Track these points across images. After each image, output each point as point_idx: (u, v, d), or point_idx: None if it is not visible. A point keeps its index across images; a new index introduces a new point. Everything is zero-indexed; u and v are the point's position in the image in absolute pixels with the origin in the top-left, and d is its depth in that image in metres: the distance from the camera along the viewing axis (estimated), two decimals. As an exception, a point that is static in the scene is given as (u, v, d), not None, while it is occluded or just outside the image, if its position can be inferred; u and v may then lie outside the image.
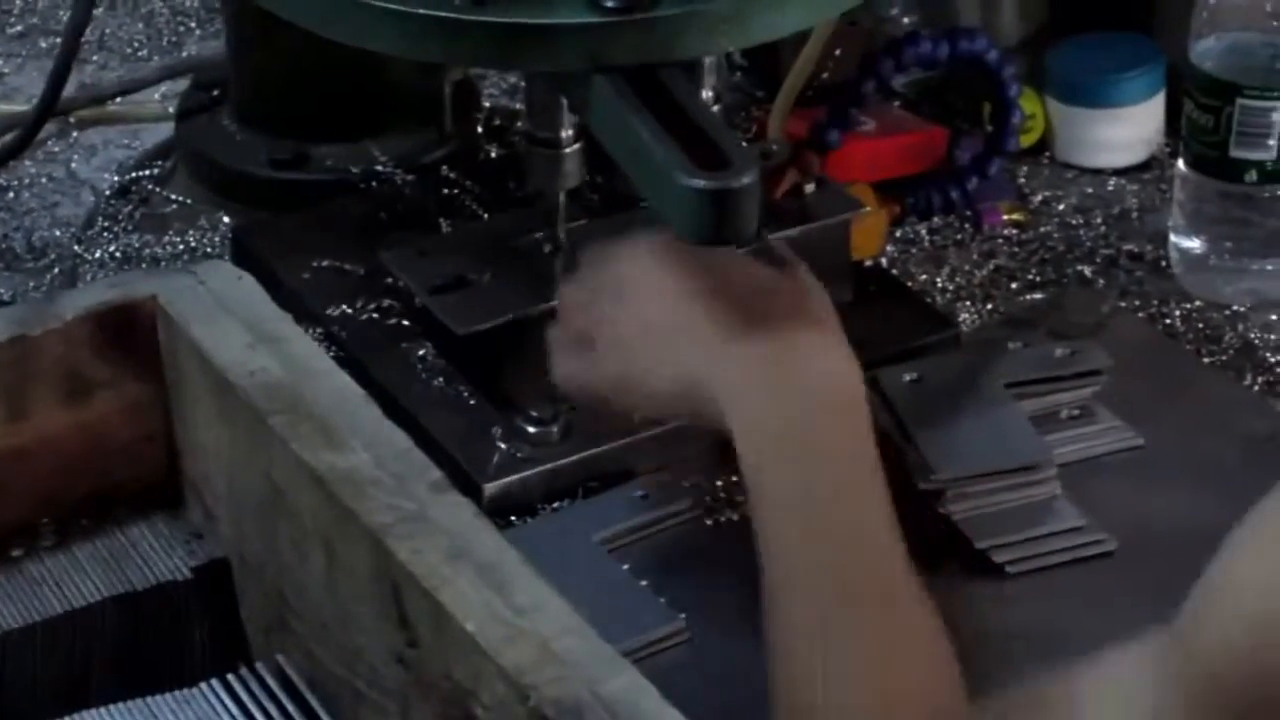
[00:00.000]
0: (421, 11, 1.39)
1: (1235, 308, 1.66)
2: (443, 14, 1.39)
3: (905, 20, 1.76)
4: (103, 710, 1.16)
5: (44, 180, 1.80)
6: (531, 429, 1.52)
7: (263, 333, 1.19)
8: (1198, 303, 1.68)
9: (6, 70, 1.91)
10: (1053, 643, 1.40)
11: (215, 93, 1.83)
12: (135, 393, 1.22)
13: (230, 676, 1.15)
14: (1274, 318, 1.65)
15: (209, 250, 1.74)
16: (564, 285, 1.46)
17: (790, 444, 1.29)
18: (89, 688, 1.21)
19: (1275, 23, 1.62)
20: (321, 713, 1.12)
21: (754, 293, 1.34)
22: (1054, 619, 1.44)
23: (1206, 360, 1.63)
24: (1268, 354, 1.62)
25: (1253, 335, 1.63)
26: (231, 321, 1.19)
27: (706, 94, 1.48)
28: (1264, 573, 0.98)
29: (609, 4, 1.35)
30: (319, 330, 1.51)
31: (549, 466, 1.49)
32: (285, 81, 1.76)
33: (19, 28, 1.97)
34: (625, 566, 1.45)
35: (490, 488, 1.39)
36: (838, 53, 1.64)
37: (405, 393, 1.35)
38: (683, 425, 1.51)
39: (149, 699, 1.14)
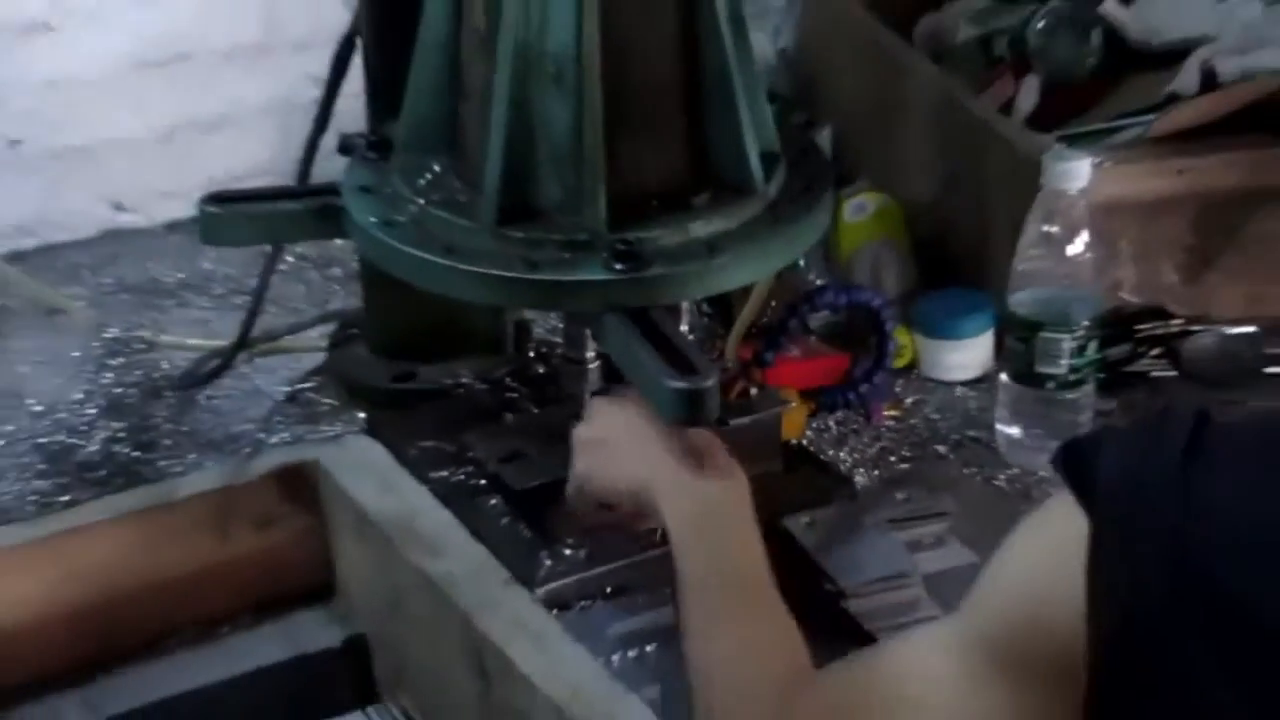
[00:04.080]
0: (492, 272, 1.40)
1: (1040, 473, 1.69)
2: (507, 274, 1.39)
3: (816, 279, 1.78)
4: None
5: (237, 392, 1.81)
6: (567, 552, 1.51)
7: (388, 484, 1.23)
8: (1016, 470, 1.71)
9: (213, 319, 1.92)
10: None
11: (353, 331, 1.86)
12: (303, 523, 1.24)
13: (370, 708, 1.18)
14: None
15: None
16: (574, 428, 1.45)
17: (699, 524, 1.29)
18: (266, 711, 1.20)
19: (1065, 282, 1.66)
20: None
21: (687, 444, 1.35)
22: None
23: (1022, 507, 1.65)
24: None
25: (1051, 491, 1.66)
26: (367, 476, 1.23)
27: (683, 327, 1.48)
28: (1026, 563, 1.00)
29: (617, 267, 1.37)
30: (426, 488, 1.53)
31: (576, 578, 1.48)
32: (400, 322, 1.79)
33: (220, 291, 1.97)
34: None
35: (539, 591, 1.40)
36: (773, 303, 1.67)
37: (482, 527, 1.37)
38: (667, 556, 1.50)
39: None
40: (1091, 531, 0.93)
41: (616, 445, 1.40)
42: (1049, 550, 0.97)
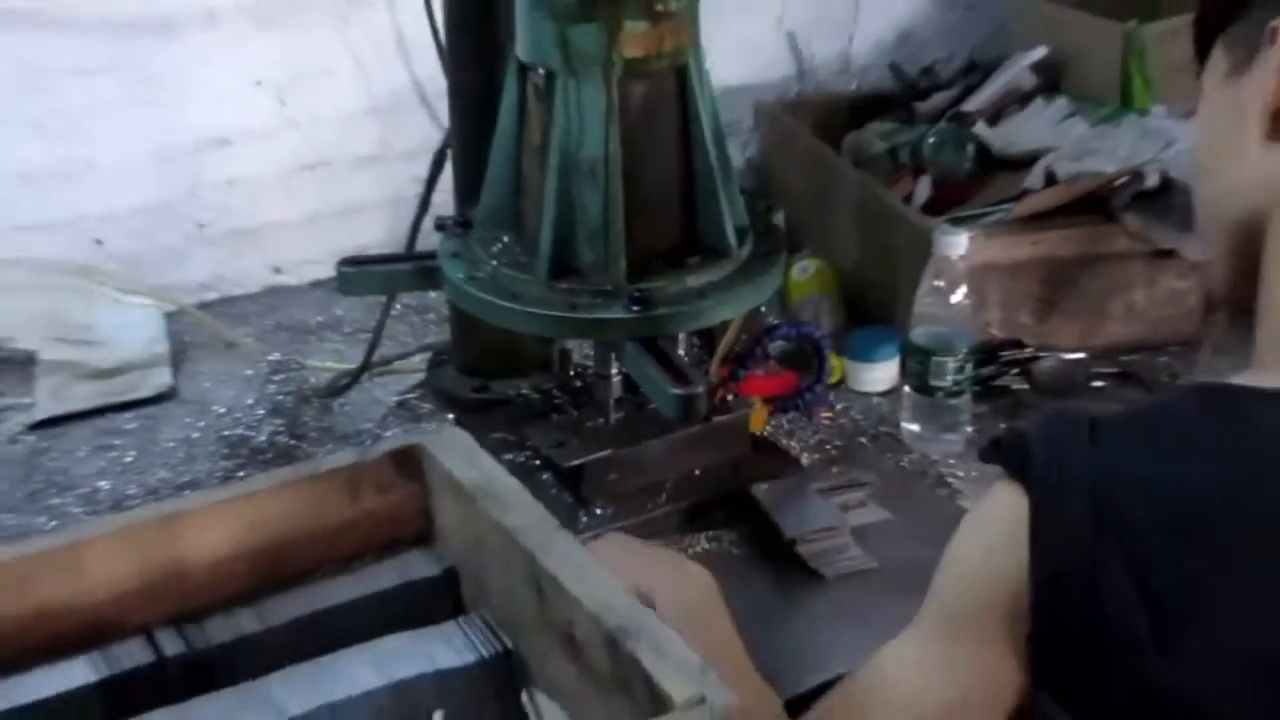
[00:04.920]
0: (545, 313, 1.41)
1: (934, 457, 1.69)
2: (555, 314, 1.41)
3: (772, 319, 1.78)
4: (391, 637, 1.13)
5: (361, 401, 1.82)
6: (597, 512, 1.53)
7: (472, 461, 1.22)
8: (916, 454, 1.71)
9: (344, 349, 1.92)
10: (847, 614, 1.40)
11: (444, 357, 1.86)
12: (412, 489, 1.23)
13: (459, 619, 1.17)
14: (952, 462, 1.68)
15: (442, 431, 1.70)
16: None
17: (680, 615, 1.17)
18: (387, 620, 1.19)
19: (949, 322, 1.66)
20: (503, 637, 1.14)
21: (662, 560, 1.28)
22: (848, 600, 1.43)
23: (919, 480, 1.66)
24: (948, 476, 1.66)
25: (942, 470, 1.67)
26: (457, 456, 1.23)
27: (680, 351, 1.49)
28: (975, 551, 0.98)
29: (633, 309, 1.38)
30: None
31: (605, 529, 1.48)
32: (478, 350, 1.78)
33: (349, 329, 1.97)
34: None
35: (579, 538, 1.38)
36: (743, 335, 1.67)
37: (537, 494, 1.37)
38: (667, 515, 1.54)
39: (421, 629, 1.15)
40: (1031, 502, 0.92)
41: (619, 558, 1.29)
42: (990, 530, 0.96)
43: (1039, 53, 2.10)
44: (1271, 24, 0.91)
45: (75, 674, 1.10)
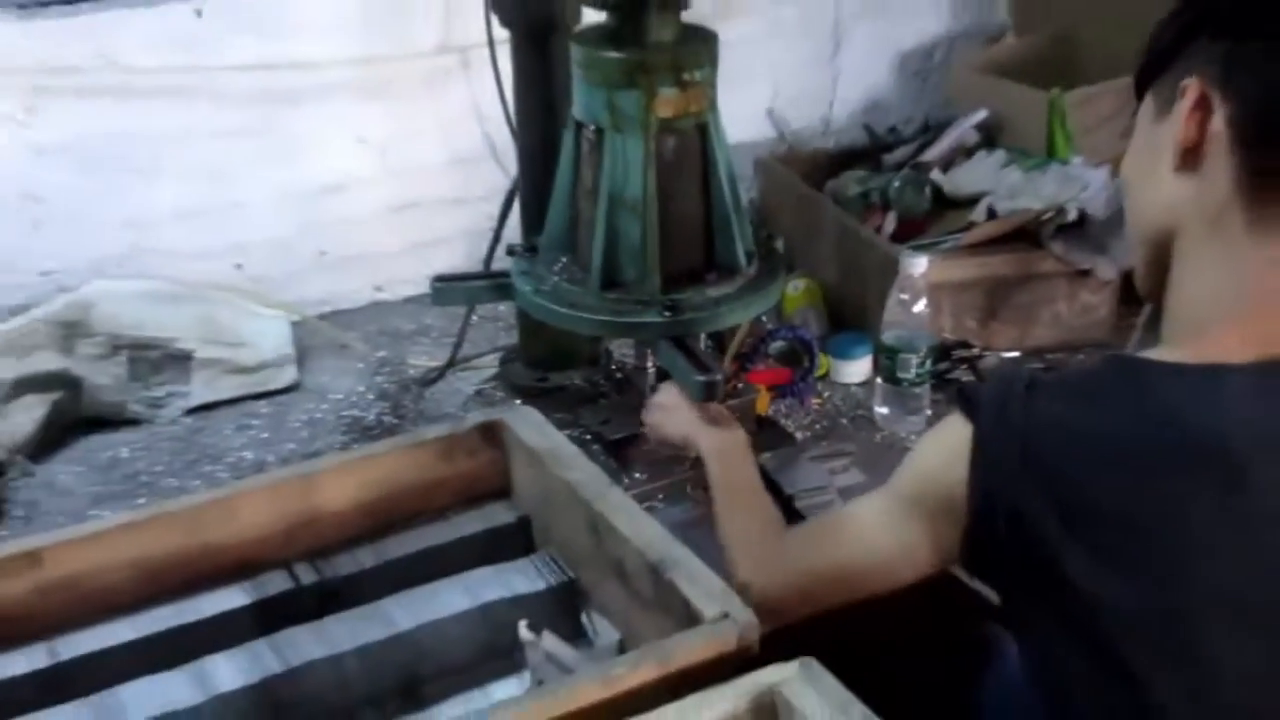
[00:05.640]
0: (596, 317, 1.42)
1: (901, 434, 1.69)
2: (604, 318, 1.42)
3: (770, 325, 1.78)
4: (478, 570, 1.16)
5: (449, 390, 1.81)
6: (637, 475, 1.54)
7: (542, 432, 1.23)
8: (886, 432, 1.70)
9: (433, 349, 1.92)
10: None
11: (513, 355, 1.85)
12: (493, 454, 1.24)
13: (531, 556, 1.18)
14: (914, 438, 1.64)
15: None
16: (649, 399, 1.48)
17: (721, 455, 1.30)
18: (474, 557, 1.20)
19: (912, 327, 1.66)
20: (566, 569, 1.15)
21: (709, 413, 1.37)
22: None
23: (889, 452, 1.65)
24: (911, 449, 1.65)
25: (907, 444, 1.65)
26: (530, 428, 1.24)
27: (702, 347, 1.48)
28: (931, 452, 1.01)
29: (665, 314, 1.40)
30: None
31: (642, 489, 1.50)
32: (540, 348, 1.78)
33: (437, 334, 1.96)
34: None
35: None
36: (749, 338, 1.67)
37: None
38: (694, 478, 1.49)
39: (501, 564, 1.17)
40: (974, 435, 0.93)
41: (674, 410, 1.40)
42: (945, 445, 0.97)
43: (981, 115, 2.09)
44: (1182, 83, 0.92)
45: (233, 598, 1.13)
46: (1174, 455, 0.86)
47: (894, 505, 1.05)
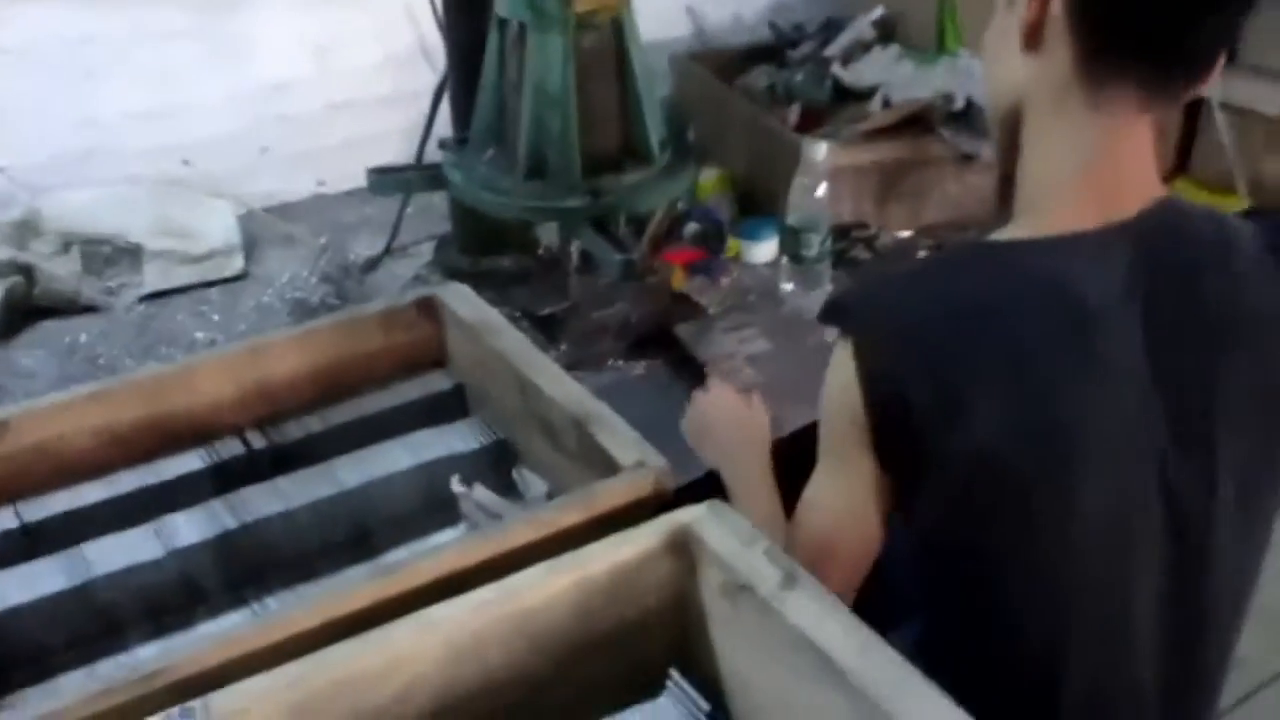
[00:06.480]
0: (523, 204, 1.42)
1: (805, 308, 1.66)
2: (531, 204, 1.42)
3: (682, 206, 1.78)
4: (418, 432, 1.17)
5: (387, 274, 1.78)
6: (562, 348, 1.52)
7: (474, 306, 1.23)
8: (790, 306, 1.68)
9: (373, 238, 1.89)
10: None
11: (446, 240, 1.82)
12: (430, 328, 1.24)
13: (466, 419, 1.18)
14: (815, 310, 1.67)
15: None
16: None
17: (738, 480, 1.14)
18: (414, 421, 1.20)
19: (813, 209, 1.66)
20: (497, 430, 1.16)
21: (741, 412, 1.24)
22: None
23: (794, 324, 1.66)
24: (811, 321, 1.65)
25: (806, 317, 1.62)
26: (462, 303, 1.24)
27: (621, 230, 1.47)
28: (834, 393, 0.97)
29: (586, 199, 1.39)
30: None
31: (569, 359, 1.50)
32: (472, 233, 1.74)
33: (377, 224, 1.95)
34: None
35: None
36: (665, 222, 1.68)
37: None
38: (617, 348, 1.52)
39: (439, 427, 1.18)
40: (853, 343, 0.93)
41: (707, 433, 1.23)
42: (837, 380, 0.95)
43: (878, 13, 2.08)
44: None
45: (191, 462, 1.14)
46: (1033, 319, 0.89)
47: (828, 467, 1.00)
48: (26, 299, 1.69)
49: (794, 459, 1.07)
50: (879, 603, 0.95)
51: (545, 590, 0.81)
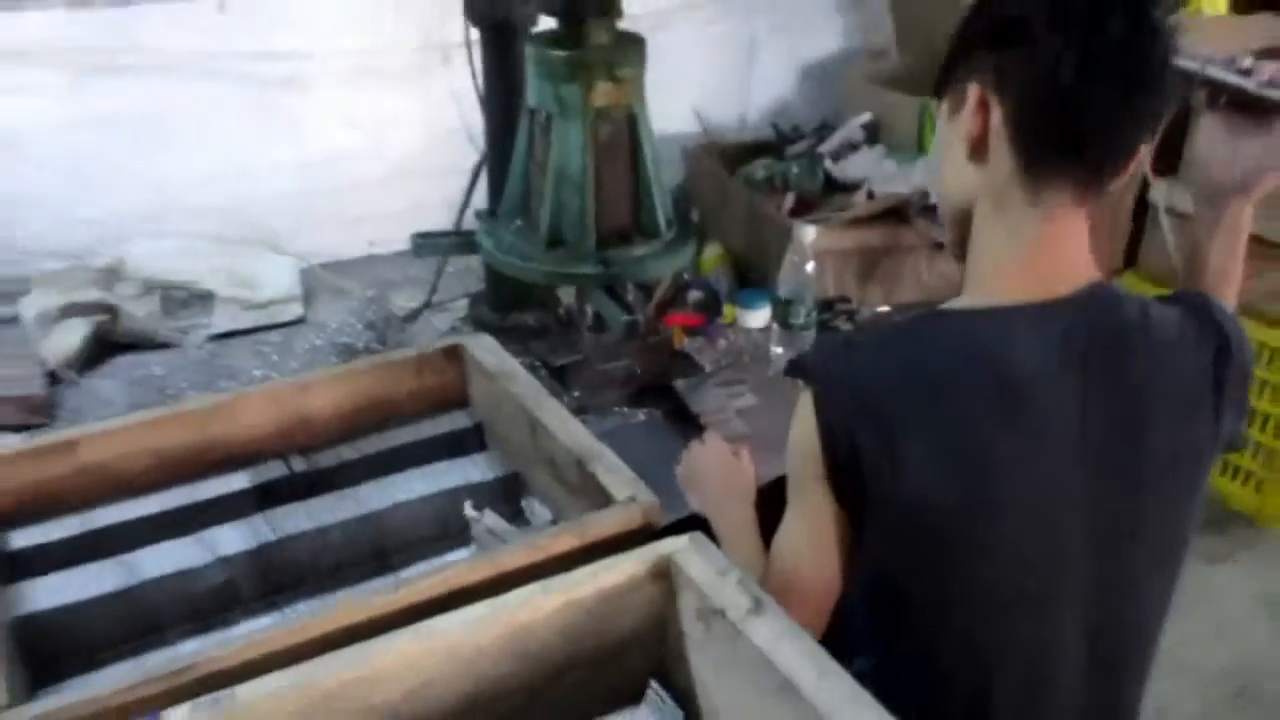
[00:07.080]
0: (544, 269, 1.41)
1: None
2: (551, 269, 1.41)
3: (686, 277, 1.78)
4: (439, 463, 1.16)
5: (425, 327, 1.78)
6: (575, 394, 1.52)
7: (495, 355, 1.23)
8: (780, 367, 1.69)
9: (415, 293, 1.91)
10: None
11: (479, 298, 1.82)
12: (456, 372, 1.24)
13: (483, 453, 1.17)
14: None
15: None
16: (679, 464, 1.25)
17: (727, 528, 1.12)
18: (437, 454, 1.19)
19: (802, 284, 1.66)
20: (510, 465, 1.14)
21: (731, 468, 1.21)
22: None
23: (782, 383, 1.64)
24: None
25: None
26: (486, 351, 1.24)
27: (629, 297, 1.46)
28: (798, 440, 0.96)
29: (599, 267, 1.39)
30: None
31: (579, 404, 1.50)
32: (501, 293, 1.75)
33: (418, 282, 1.94)
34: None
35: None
36: (670, 290, 1.67)
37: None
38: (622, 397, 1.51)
39: (458, 459, 1.17)
40: (813, 396, 0.93)
41: (698, 481, 1.22)
42: (799, 432, 0.95)
43: (866, 117, 2.11)
44: (968, 87, 0.92)
45: (236, 482, 1.13)
46: (972, 382, 0.90)
47: (796, 510, 0.98)
48: (110, 335, 1.71)
49: (777, 501, 1.06)
50: (838, 636, 0.94)
51: (537, 608, 0.80)
